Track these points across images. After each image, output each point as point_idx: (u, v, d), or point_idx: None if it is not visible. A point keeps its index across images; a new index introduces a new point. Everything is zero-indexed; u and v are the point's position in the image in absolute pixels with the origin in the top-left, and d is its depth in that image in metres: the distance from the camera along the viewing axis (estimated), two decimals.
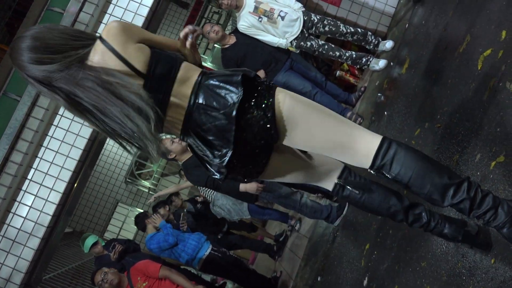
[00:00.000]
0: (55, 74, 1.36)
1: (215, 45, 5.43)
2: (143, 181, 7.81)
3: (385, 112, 3.15)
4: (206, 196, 4.40)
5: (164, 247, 3.80)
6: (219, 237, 4.58)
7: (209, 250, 3.83)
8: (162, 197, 4.86)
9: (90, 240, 4.34)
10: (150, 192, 7.84)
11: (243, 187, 3.16)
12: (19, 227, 3.39)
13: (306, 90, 3.71)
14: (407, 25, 3.50)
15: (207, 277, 4.94)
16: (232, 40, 3.75)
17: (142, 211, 6.93)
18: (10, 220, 3.39)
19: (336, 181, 1.70)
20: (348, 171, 1.73)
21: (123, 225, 7.98)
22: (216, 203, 4.16)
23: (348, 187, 1.67)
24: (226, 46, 3.76)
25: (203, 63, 8.11)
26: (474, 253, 1.55)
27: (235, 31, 3.81)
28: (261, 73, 3.73)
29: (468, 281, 1.53)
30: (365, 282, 2.31)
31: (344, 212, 3.15)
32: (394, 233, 2.23)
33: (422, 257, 1.87)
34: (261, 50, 3.70)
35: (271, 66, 3.71)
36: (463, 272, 1.57)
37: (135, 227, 4.41)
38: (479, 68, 2.05)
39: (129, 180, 7.87)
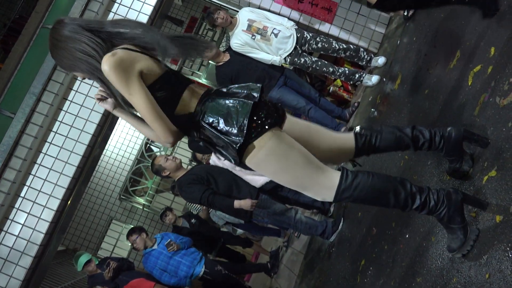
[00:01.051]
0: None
1: (210, 61, 5.48)
2: (137, 197, 7.76)
3: None
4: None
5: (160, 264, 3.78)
6: (212, 258, 4.51)
7: (201, 272, 3.81)
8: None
9: (83, 258, 4.28)
10: (145, 208, 7.78)
11: (237, 203, 3.16)
12: (11, 246, 3.35)
13: (300, 106, 3.74)
14: (398, 41, 3.55)
15: None
16: (226, 57, 3.79)
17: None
18: (2, 239, 3.36)
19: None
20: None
21: (117, 242, 7.89)
22: (215, 212, 4.14)
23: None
24: (220, 63, 3.80)
25: (198, 79, 8.12)
26: (469, 268, 1.55)
27: (229, 49, 3.85)
28: None
29: None
30: None
31: (340, 228, 3.15)
32: (390, 248, 2.23)
33: (418, 272, 1.87)
34: (255, 67, 3.74)
35: (265, 83, 3.74)
36: (458, 287, 1.57)
37: (129, 244, 4.35)
38: (469, 83, 2.08)
39: (123, 197, 7.81)
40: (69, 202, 3.54)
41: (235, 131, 1.55)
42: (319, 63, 3.73)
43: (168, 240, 3.91)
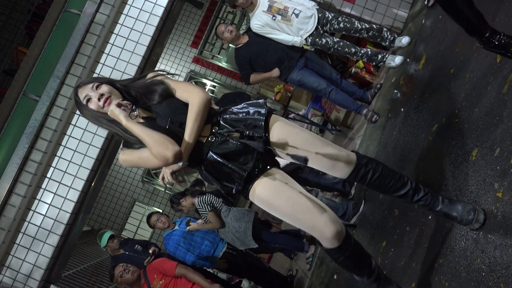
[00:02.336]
0: None
1: (230, 45, 5.44)
2: (159, 180, 7.89)
3: (402, 109, 3.11)
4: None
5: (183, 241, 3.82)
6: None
7: (224, 249, 3.84)
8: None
9: (107, 234, 4.38)
10: (167, 191, 7.90)
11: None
12: (39, 224, 3.46)
13: (321, 88, 3.69)
14: (423, 20, 3.45)
15: (223, 276, 4.95)
16: (244, 39, 3.76)
17: (158, 210, 6.99)
18: (31, 218, 3.47)
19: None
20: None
21: (140, 223, 8.07)
22: (222, 213, 3.91)
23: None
24: (240, 45, 3.77)
25: (219, 63, 8.11)
26: (494, 249, 1.52)
27: (248, 30, 3.82)
28: (275, 71, 3.73)
29: (488, 277, 1.50)
30: None
31: (360, 210, 3.13)
32: (412, 229, 2.20)
33: (441, 253, 1.85)
34: (274, 48, 3.69)
35: (284, 64, 3.70)
36: (483, 268, 1.54)
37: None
38: (498, 61, 2.00)
39: (146, 179, 7.96)
40: (93, 183, 3.62)
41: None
42: (341, 43, 3.66)
43: (187, 219, 3.96)
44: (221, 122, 1.73)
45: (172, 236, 3.92)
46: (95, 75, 3.56)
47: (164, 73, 1.86)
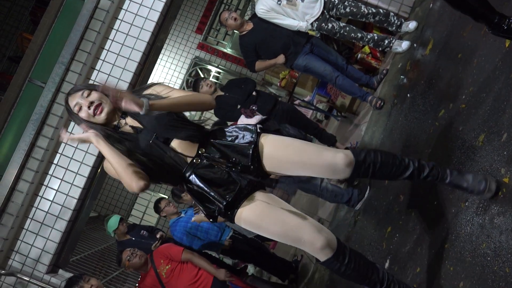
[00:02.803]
0: None
1: (235, 31, 5.39)
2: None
3: (408, 95, 3.09)
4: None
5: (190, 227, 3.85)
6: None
7: (231, 233, 3.87)
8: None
9: (116, 217, 4.39)
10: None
11: None
12: (46, 210, 3.50)
13: (327, 73, 3.66)
14: (431, 5, 3.40)
15: (229, 261, 5.00)
16: (249, 26, 3.72)
17: (164, 196, 7.03)
18: (38, 203, 3.50)
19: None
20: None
21: (146, 209, 8.14)
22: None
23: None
24: (244, 32, 3.74)
25: (223, 49, 8.04)
26: (500, 234, 1.52)
27: (252, 17, 3.79)
28: (281, 58, 3.70)
29: (493, 262, 1.50)
30: (387, 264, 2.30)
31: (366, 196, 3.13)
32: (417, 215, 2.21)
33: (446, 239, 1.85)
34: (280, 34, 3.66)
35: (290, 49, 3.67)
36: (488, 253, 1.55)
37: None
38: (506, 45, 1.98)
39: None
40: (99, 170, 3.65)
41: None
42: (347, 28, 3.62)
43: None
44: (209, 145, 1.71)
45: (178, 223, 3.96)
46: (99, 62, 3.55)
47: (167, 83, 1.86)
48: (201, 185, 1.68)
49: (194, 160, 1.69)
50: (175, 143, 1.71)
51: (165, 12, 3.59)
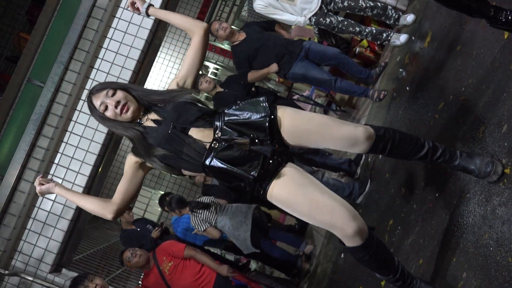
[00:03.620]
0: None
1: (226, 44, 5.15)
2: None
3: (407, 88, 3.09)
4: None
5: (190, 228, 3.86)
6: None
7: None
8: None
9: None
10: (172, 175, 7.96)
11: None
12: (48, 210, 3.51)
13: (325, 79, 3.63)
14: None
15: (231, 257, 5.02)
16: (241, 36, 3.69)
17: (170, 192, 7.03)
18: (40, 203, 3.51)
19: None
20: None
21: (147, 207, 8.15)
22: (218, 224, 3.81)
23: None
24: (236, 42, 3.70)
25: (221, 46, 7.95)
26: (502, 224, 1.54)
27: (244, 27, 3.77)
28: (274, 66, 3.65)
29: (496, 252, 1.52)
30: None
31: (367, 189, 3.14)
32: (419, 207, 2.22)
33: (448, 230, 1.86)
34: (273, 43, 3.62)
35: (284, 59, 3.62)
36: (490, 243, 1.56)
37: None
38: (505, 37, 1.98)
39: None
40: (100, 169, 3.66)
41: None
42: (345, 22, 3.61)
43: None
44: (224, 126, 1.69)
45: (181, 219, 3.97)
46: (98, 61, 3.55)
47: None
48: (225, 166, 1.63)
49: (213, 145, 1.67)
50: (193, 132, 1.71)
51: (163, 9, 3.59)
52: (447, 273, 1.76)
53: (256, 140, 1.66)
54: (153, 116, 1.79)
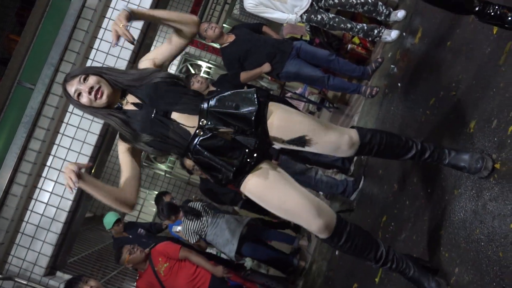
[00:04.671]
0: None
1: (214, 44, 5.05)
2: (159, 164, 7.90)
3: (399, 84, 3.10)
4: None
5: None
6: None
7: None
8: None
9: (113, 217, 4.38)
10: (167, 175, 7.94)
11: None
12: (41, 213, 3.48)
13: (318, 77, 3.62)
14: None
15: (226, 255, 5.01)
16: (230, 38, 3.67)
17: (167, 191, 7.01)
18: (33, 207, 3.49)
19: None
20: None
21: (142, 208, 8.13)
22: (207, 238, 3.79)
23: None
24: (225, 44, 3.68)
25: (214, 44, 7.92)
26: (493, 219, 1.55)
27: (233, 29, 3.76)
28: (266, 66, 3.64)
29: (487, 247, 1.53)
30: None
31: (360, 186, 3.15)
32: (411, 203, 2.23)
33: (440, 225, 1.87)
34: (264, 43, 3.61)
35: (276, 58, 3.60)
36: (482, 238, 1.57)
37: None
38: (494, 32, 1.99)
39: (145, 164, 7.99)
40: (93, 170, 3.64)
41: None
42: (337, 19, 3.61)
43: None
44: (209, 115, 1.68)
45: (177, 221, 3.96)
46: (89, 61, 3.53)
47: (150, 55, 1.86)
48: (208, 155, 1.66)
49: (197, 131, 1.68)
50: (175, 116, 1.69)
51: (154, 8, 3.57)
52: (440, 268, 1.76)
53: (241, 132, 1.67)
54: (132, 99, 1.75)
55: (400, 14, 3.54)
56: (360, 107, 3.98)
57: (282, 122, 1.71)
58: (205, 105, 1.69)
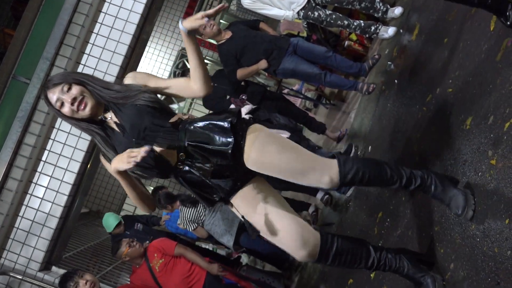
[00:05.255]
0: None
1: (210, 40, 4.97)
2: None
3: (396, 81, 3.10)
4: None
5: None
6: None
7: None
8: None
9: (114, 220, 4.36)
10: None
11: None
12: (37, 208, 3.47)
13: (315, 73, 3.62)
14: None
15: (222, 252, 5.03)
16: (227, 35, 3.65)
17: (163, 186, 7.00)
18: (28, 201, 3.47)
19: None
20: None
21: None
22: (205, 227, 3.79)
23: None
24: (222, 41, 3.66)
25: (211, 40, 7.94)
26: (488, 215, 1.55)
27: (230, 26, 3.74)
28: (263, 63, 3.62)
29: (482, 243, 1.53)
30: None
31: None
32: (407, 200, 2.23)
33: (436, 221, 1.88)
34: (261, 39, 3.60)
35: (273, 55, 3.59)
36: (477, 234, 1.58)
37: None
38: (491, 29, 1.99)
39: None
40: (88, 165, 3.62)
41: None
42: (334, 16, 3.61)
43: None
44: (187, 148, 1.65)
45: (173, 214, 3.95)
46: (85, 56, 3.51)
47: (146, 72, 1.84)
48: (190, 188, 1.71)
49: (178, 164, 1.68)
50: (156, 148, 1.67)
51: (150, 3, 3.55)
52: (435, 264, 1.77)
53: (219, 166, 1.66)
54: (114, 118, 1.70)
55: (397, 11, 3.55)
56: (357, 104, 3.99)
57: (258, 156, 1.65)
58: (182, 138, 1.66)
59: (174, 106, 8.04)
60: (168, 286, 3.31)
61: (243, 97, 3.55)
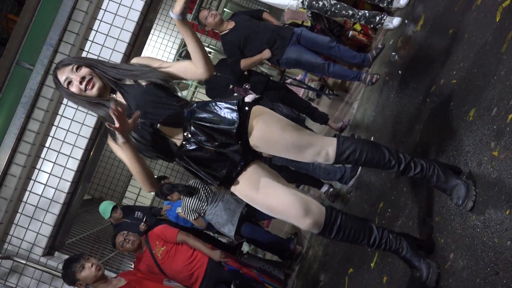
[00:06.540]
0: None
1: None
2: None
3: (400, 71, 3.09)
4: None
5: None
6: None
7: None
8: None
9: (109, 206, 4.43)
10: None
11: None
12: (40, 193, 3.50)
13: (319, 63, 3.61)
14: None
15: (224, 239, 5.06)
16: (230, 25, 3.64)
17: (165, 175, 7.04)
18: (32, 187, 3.50)
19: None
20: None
21: (140, 191, 8.16)
22: (206, 216, 3.82)
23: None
24: (225, 31, 3.65)
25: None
26: (489, 206, 1.56)
27: (233, 16, 3.72)
28: (266, 52, 3.61)
29: (483, 233, 1.54)
30: None
31: (358, 173, 3.17)
32: (408, 190, 2.24)
33: (436, 212, 1.89)
34: (264, 29, 3.58)
35: (276, 44, 3.58)
36: (477, 224, 1.59)
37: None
38: (497, 20, 1.98)
39: None
40: (92, 152, 3.64)
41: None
42: (338, 6, 3.59)
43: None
44: (193, 127, 1.70)
45: (174, 203, 3.98)
46: (88, 43, 3.50)
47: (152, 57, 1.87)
48: (195, 166, 1.72)
49: (184, 143, 1.71)
50: (161, 126, 1.72)
51: (147, 7, 3.53)
52: (435, 254, 1.79)
53: (224, 147, 1.70)
54: (120, 99, 1.76)
55: (403, 1, 3.53)
56: (360, 94, 3.98)
57: (261, 134, 1.72)
58: (189, 117, 1.70)
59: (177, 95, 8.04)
60: (171, 273, 3.35)
61: (246, 86, 3.54)
